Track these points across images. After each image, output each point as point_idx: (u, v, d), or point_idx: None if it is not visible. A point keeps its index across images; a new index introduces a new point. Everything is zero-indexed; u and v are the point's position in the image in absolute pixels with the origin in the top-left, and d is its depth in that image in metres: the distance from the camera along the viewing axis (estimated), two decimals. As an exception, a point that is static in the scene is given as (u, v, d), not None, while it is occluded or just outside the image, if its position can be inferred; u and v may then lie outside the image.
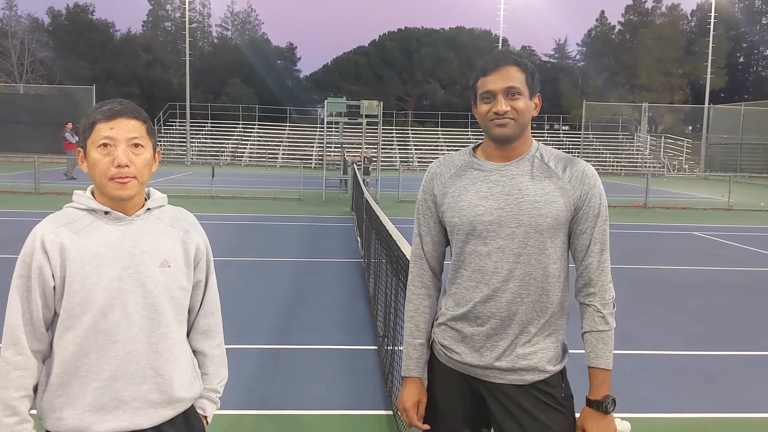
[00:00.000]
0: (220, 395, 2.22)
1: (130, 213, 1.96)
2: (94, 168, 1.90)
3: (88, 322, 1.87)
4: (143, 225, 1.97)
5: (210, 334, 2.17)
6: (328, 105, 22.64)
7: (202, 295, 2.14)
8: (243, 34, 74.35)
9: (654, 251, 12.36)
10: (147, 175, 1.96)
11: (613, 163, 45.84)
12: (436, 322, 2.27)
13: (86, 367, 1.88)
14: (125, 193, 1.90)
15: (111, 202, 1.93)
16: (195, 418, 2.10)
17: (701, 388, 5.34)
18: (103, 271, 1.88)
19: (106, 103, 1.93)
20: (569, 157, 2.15)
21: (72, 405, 1.89)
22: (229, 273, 9.25)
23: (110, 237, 1.91)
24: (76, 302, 1.86)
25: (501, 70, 2.05)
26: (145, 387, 1.93)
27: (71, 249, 1.87)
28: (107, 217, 1.93)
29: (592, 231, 2.10)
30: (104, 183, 1.90)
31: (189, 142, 46.36)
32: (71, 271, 1.86)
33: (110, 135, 1.89)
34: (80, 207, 1.94)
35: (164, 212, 2.05)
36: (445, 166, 2.22)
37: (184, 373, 2.03)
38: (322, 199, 20.28)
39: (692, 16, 66.67)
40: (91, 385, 1.89)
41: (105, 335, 1.88)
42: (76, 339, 1.88)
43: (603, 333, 2.09)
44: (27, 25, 60.80)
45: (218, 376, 2.20)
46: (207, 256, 2.13)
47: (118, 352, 1.89)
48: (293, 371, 5.45)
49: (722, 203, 21.72)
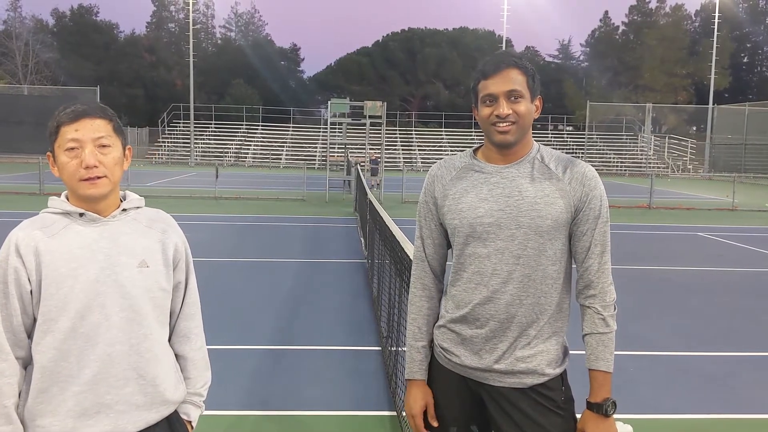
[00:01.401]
0: (204, 398, 2.18)
1: (105, 214, 1.92)
2: (63, 171, 1.88)
3: (66, 325, 1.83)
4: (120, 226, 1.94)
5: (191, 337, 2.12)
6: (332, 106, 22.67)
7: (182, 297, 2.10)
8: (246, 35, 74.41)
9: (658, 252, 12.34)
10: (119, 174, 1.93)
11: (617, 163, 45.78)
12: (437, 324, 2.26)
13: (66, 371, 1.84)
14: (97, 192, 1.87)
15: (85, 203, 1.90)
16: (179, 423, 2.06)
17: (703, 389, 5.33)
18: (79, 273, 1.84)
19: (70, 105, 1.90)
20: (570, 159, 2.14)
21: (53, 411, 1.84)
22: (232, 273, 9.26)
23: (86, 239, 1.88)
24: (53, 305, 1.83)
25: (502, 72, 2.04)
26: (128, 389, 1.89)
27: (46, 252, 1.83)
28: (82, 219, 1.90)
29: (592, 233, 2.09)
30: (75, 185, 1.87)
31: (193, 143, 46.43)
32: (47, 274, 1.82)
33: (76, 137, 1.86)
34: (55, 211, 1.91)
35: (141, 213, 2.02)
36: (446, 168, 2.22)
37: (167, 375, 1.99)
38: (326, 199, 20.29)
39: (696, 17, 66.57)
40: (72, 389, 1.84)
41: (84, 338, 1.84)
42: (54, 343, 1.83)
43: (603, 335, 2.08)
44: (31, 27, 61.00)
45: (201, 380, 2.15)
46: (186, 257, 2.09)
47: (98, 354, 1.85)
48: (295, 372, 5.45)
49: (726, 204, 21.68)
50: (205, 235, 12.96)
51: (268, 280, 8.94)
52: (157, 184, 25.30)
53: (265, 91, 62.48)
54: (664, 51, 57.64)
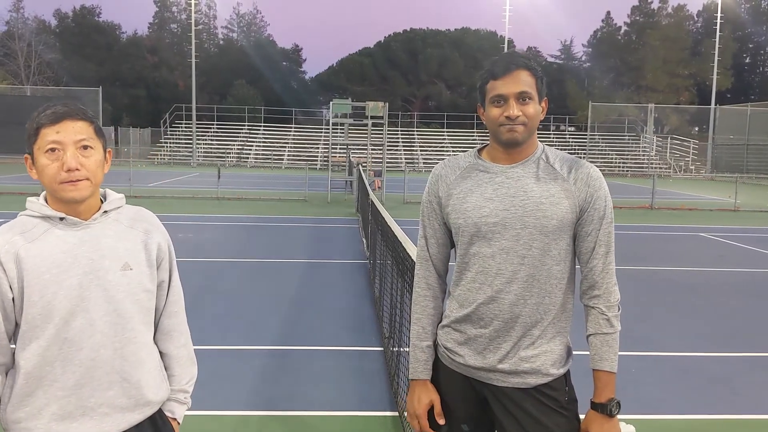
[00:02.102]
0: (190, 395, 2.16)
1: (86, 216, 1.89)
2: (43, 174, 1.83)
3: (50, 332, 1.81)
4: (101, 228, 1.91)
5: (174, 335, 2.10)
6: (334, 106, 22.67)
7: (165, 295, 2.08)
8: (248, 35, 74.50)
9: (660, 252, 12.33)
10: (100, 176, 1.90)
11: (619, 164, 45.74)
12: (440, 324, 2.27)
13: (51, 376, 1.83)
14: (79, 195, 1.84)
15: (65, 206, 1.86)
16: (162, 421, 2.05)
17: (706, 390, 5.32)
18: (62, 279, 1.81)
19: (50, 106, 1.85)
20: (574, 159, 2.15)
21: (37, 415, 1.84)
22: (234, 274, 9.27)
23: (67, 243, 1.84)
24: (37, 312, 1.80)
25: (513, 74, 2.04)
26: (111, 392, 1.89)
27: (27, 258, 1.80)
28: (63, 223, 1.86)
29: (597, 233, 2.09)
30: (55, 188, 1.83)
31: (195, 144, 46.46)
32: (29, 282, 1.79)
33: (57, 139, 1.81)
34: (34, 215, 1.87)
35: (122, 213, 1.98)
36: (450, 168, 2.22)
37: (151, 376, 1.99)
38: (328, 200, 20.30)
39: (698, 17, 66.49)
40: (56, 394, 1.84)
41: (69, 343, 1.83)
42: (39, 349, 1.82)
43: (607, 336, 2.08)
44: (34, 28, 61.11)
45: (186, 376, 2.14)
46: (170, 256, 2.08)
47: (82, 359, 1.84)
48: (299, 372, 5.46)
49: (728, 204, 21.65)
50: (208, 235, 12.97)
51: (270, 280, 8.94)
52: (159, 185, 25.32)
53: (267, 91, 62.52)
54: (666, 51, 57.62)
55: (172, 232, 2.13)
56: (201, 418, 4.43)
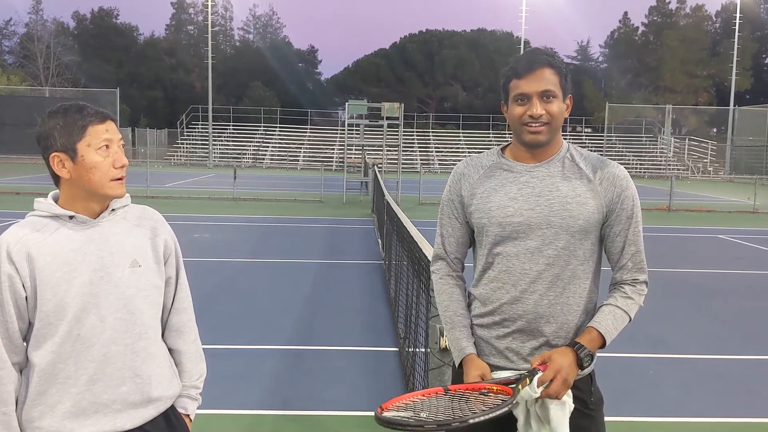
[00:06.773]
0: (201, 391, 2.18)
1: (94, 215, 1.92)
2: (94, 170, 1.86)
3: (64, 329, 1.84)
4: (109, 226, 1.93)
5: (183, 331, 2.12)
6: (349, 107, 22.71)
7: (173, 292, 2.10)
8: (265, 37, 74.86)
9: (678, 254, 12.21)
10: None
11: (637, 165, 45.42)
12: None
13: (64, 373, 1.85)
14: (123, 192, 1.93)
15: (88, 204, 1.90)
16: (176, 417, 2.07)
17: (725, 393, 5.25)
18: (73, 276, 1.84)
19: (82, 106, 1.90)
20: (600, 159, 2.12)
21: (51, 413, 1.85)
22: (251, 274, 9.30)
23: (77, 241, 1.87)
24: (50, 310, 1.83)
25: (536, 72, 2.01)
26: (124, 388, 1.91)
27: (39, 257, 1.82)
28: (72, 221, 1.89)
29: (626, 233, 2.07)
30: (105, 184, 1.88)
31: (211, 145, 46.73)
32: (42, 280, 1.82)
33: (108, 137, 1.88)
34: (43, 214, 1.89)
35: (128, 211, 2.01)
36: (473, 167, 2.19)
37: (162, 372, 2.01)
38: (343, 201, 20.32)
39: (717, 17, 65.87)
40: (69, 391, 1.86)
41: (81, 340, 1.85)
42: (53, 347, 1.84)
43: (617, 309, 2.06)
44: (53, 29, 61.79)
45: (196, 372, 2.16)
46: (176, 253, 2.10)
47: (94, 356, 1.87)
48: (314, 372, 5.45)
49: (747, 206, 21.41)
50: (225, 236, 13.02)
51: (287, 280, 8.96)
52: (176, 185, 25.47)
53: (282, 93, 62.76)
54: (684, 52, 57.11)
55: (188, 232, 2.14)
56: (216, 418, 4.43)
